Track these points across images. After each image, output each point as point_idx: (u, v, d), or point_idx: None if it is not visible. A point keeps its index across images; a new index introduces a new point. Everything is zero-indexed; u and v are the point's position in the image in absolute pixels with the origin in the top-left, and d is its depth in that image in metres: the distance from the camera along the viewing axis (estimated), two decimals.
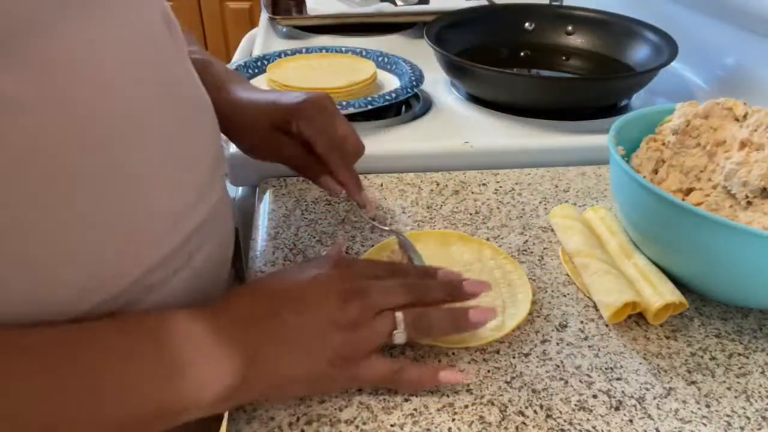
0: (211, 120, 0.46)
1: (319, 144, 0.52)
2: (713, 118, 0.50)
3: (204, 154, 0.43)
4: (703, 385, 0.42)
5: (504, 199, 0.63)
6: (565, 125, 0.74)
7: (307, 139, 0.52)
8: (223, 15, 2.44)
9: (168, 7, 0.42)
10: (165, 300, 0.39)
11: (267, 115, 0.53)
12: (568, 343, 0.45)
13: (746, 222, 0.44)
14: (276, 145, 0.53)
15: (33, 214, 0.31)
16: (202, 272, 0.43)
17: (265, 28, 1.12)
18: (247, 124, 0.53)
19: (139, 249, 0.36)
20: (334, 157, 0.52)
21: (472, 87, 0.80)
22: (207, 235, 0.43)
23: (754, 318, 0.48)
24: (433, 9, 1.09)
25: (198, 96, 0.45)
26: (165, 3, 0.42)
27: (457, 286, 0.44)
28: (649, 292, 0.46)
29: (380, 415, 0.39)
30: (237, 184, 0.70)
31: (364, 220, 0.59)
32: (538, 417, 0.39)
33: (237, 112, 0.53)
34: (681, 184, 0.50)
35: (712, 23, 0.85)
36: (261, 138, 0.53)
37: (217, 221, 0.45)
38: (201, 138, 0.43)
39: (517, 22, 0.95)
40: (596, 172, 0.68)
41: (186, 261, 0.41)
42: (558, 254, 0.55)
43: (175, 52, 0.41)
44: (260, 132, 0.53)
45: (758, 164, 0.45)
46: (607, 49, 0.90)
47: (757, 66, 0.76)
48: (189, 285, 0.41)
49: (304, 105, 0.51)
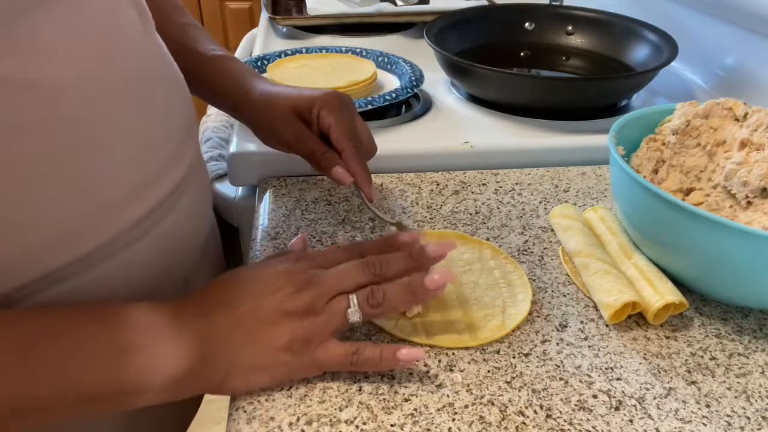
0: (183, 96, 0.50)
1: (337, 132, 0.53)
2: (713, 118, 0.50)
3: (173, 128, 0.47)
4: (703, 385, 0.42)
5: (504, 199, 0.63)
6: (565, 125, 0.74)
7: (326, 127, 0.53)
8: (223, 15, 2.44)
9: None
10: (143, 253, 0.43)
11: (291, 101, 0.55)
12: (568, 343, 0.45)
13: (746, 222, 0.44)
14: (296, 131, 0.54)
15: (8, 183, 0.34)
16: (180, 227, 0.48)
17: (265, 28, 1.12)
18: (272, 112, 0.55)
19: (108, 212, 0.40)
20: (350, 147, 0.53)
21: (472, 87, 0.80)
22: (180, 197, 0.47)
23: (754, 318, 0.48)
24: (433, 9, 1.09)
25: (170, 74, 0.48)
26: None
27: (419, 252, 0.43)
28: (649, 292, 0.46)
29: (380, 415, 0.39)
30: (237, 184, 0.70)
31: (364, 220, 0.59)
32: (538, 417, 0.39)
33: (264, 101, 0.56)
34: (681, 184, 0.50)
35: (712, 23, 0.85)
36: (283, 122, 0.54)
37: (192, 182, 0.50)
38: (170, 114, 0.47)
39: (517, 22, 0.95)
40: (596, 172, 0.68)
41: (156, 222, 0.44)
42: (558, 254, 0.55)
43: (146, 36, 0.45)
44: (283, 117, 0.55)
45: (758, 164, 0.45)
46: (607, 49, 0.90)
47: (757, 66, 0.76)
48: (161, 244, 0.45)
49: (328, 96, 0.54)
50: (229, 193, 0.74)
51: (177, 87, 0.49)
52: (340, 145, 0.53)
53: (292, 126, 0.54)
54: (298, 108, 0.54)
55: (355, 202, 0.61)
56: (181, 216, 0.48)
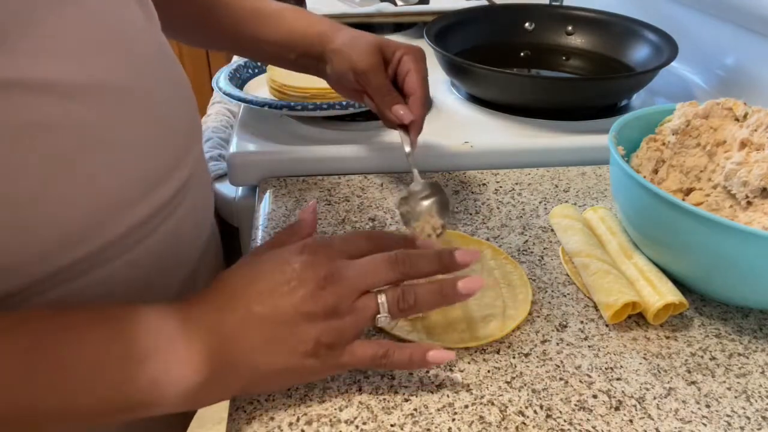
0: (187, 96, 0.50)
1: (414, 77, 0.55)
2: (713, 118, 0.50)
3: (179, 128, 0.46)
4: (703, 385, 0.42)
5: (504, 199, 0.63)
6: (565, 125, 0.74)
7: (406, 70, 0.56)
8: None
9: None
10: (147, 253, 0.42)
11: (379, 39, 0.57)
12: (568, 343, 0.45)
13: (746, 222, 0.44)
14: (373, 62, 0.55)
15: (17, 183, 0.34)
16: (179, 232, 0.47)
17: None
18: (357, 41, 0.57)
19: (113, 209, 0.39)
20: (421, 93, 0.55)
21: (472, 87, 0.80)
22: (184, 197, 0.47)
23: (754, 318, 0.48)
24: (433, 9, 1.09)
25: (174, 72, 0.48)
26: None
27: (449, 255, 0.41)
28: (649, 292, 0.46)
29: (380, 415, 0.39)
30: (237, 184, 0.70)
31: (364, 220, 0.59)
32: (538, 417, 0.39)
33: (353, 33, 0.58)
34: (681, 184, 0.50)
35: (712, 23, 0.85)
36: (364, 52, 0.56)
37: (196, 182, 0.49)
38: (176, 113, 0.46)
39: (517, 22, 0.95)
40: (596, 172, 0.68)
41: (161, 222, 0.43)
42: (558, 254, 0.55)
43: (150, 34, 0.44)
44: (366, 48, 0.56)
45: (758, 164, 0.45)
46: (607, 49, 0.90)
47: (757, 66, 0.76)
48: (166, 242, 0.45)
49: (414, 47, 0.57)
50: (229, 193, 0.74)
51: (182, 86, 0.49)
52: (413, 89, 0.55)
53: (372, 57, 0.55)
54: (382, 45, 0.56)
55: (355, 202, 0.62)
56: (185, 214, 0.47)
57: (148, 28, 0.44)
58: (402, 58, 0.56)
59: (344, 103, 0.70)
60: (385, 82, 0.56)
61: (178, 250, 0.48)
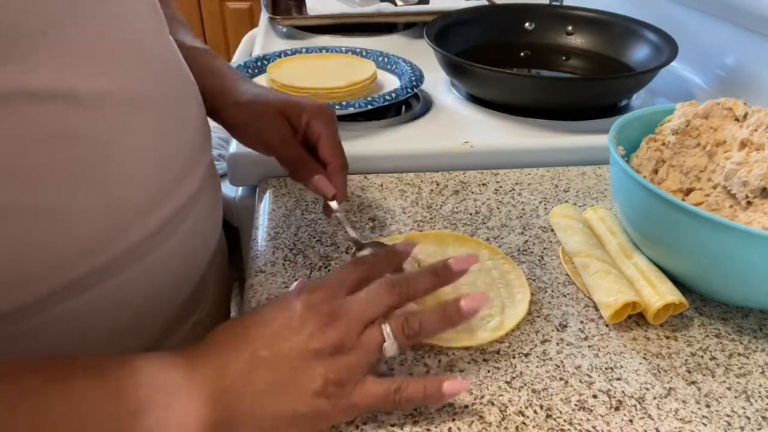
0: (198, 102, 0.49)
1: (328, 145, 0.52)
2: (713, 118, 0.50)
3: (191, 135, 0.46)
4: (703, 385, 0.42)
5: (504, 199, 0.63)
6: (565, 125, 0.74)
7: (316, 137, 0.52)
8: (223, 15, 2.44)
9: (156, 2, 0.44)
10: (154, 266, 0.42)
11: (281, 103, 0.53)
12: (568, 343, 0.45)
13: (746, 222, 0.44)
14: (282, 134, 0.53)
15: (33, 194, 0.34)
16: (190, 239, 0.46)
17: (265, 28, 1.12)
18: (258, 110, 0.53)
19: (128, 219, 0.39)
20: (339, 162, 0.52)
21: (472, 87, 0.80)
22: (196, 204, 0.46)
23: (754, 318, 0.48)
24: (433, 9, 1.09)
25: (186, 78, 0.47)
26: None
27: (443, 268, 0.41)
28: (649, 292, 0.46)
29: (380, 415, 0.39)
30: (237, 184, 0.70)
31: (363, 220, 0.59)
32: (538, 417, 0.39)
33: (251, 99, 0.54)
34: (681, 184, 0.50)
35: (712, 23, 0.85)
36: (269, 123, 0.53)
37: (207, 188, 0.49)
38: (189, 120, 0.46)
39: (517, 22, 0.95)
40: (596, 172, 0.68)
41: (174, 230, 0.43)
42: (558, 254, 0.55)
43: (162, 42, 0.44)
44: (270, 117, 0.53)
45: (758, 164, 0.45)
46: (607, 49, 0.90)
47: (757, 66, 0.76)
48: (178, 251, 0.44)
49: (320, 107, 0.53)
50: (229, 193, 0.74)
51: (193, 92, 0.48)
52: (329, 158, 0.52)
53: (279, 128, 0.52)
54: (286, 112, 0.53)
55: (354, 203, 0.61)
56: (197, 221, 0.47)
57: (160, 36, 0.44)
58: (309, 123, 0.52)
59: (344, 104, 0.70)
60: (298, 152, 0.52)
61: (190, 257, 0.47)
